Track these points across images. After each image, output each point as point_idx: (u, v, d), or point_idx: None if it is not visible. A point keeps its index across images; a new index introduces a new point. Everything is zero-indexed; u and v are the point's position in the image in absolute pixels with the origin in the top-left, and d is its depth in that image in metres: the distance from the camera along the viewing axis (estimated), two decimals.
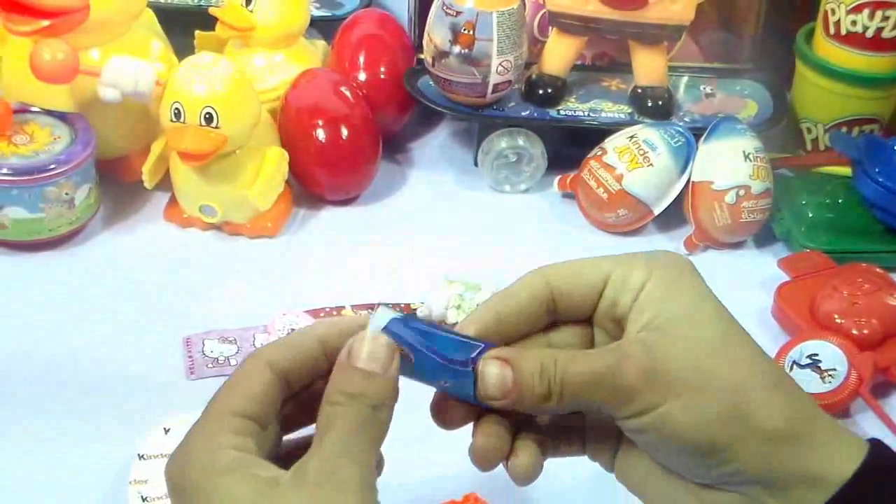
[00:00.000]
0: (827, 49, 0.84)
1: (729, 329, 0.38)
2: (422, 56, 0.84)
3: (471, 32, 0.79)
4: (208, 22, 0.82)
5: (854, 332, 0.67)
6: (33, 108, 0.76)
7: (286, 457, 0.37)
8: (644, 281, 0.38)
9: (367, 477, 0.35)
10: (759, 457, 0.36)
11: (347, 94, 0.81)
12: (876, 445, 0.37)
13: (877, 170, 0.77)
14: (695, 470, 0.37)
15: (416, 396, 0.39)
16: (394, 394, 0.37)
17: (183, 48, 0.81)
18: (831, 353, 0.65)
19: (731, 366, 0.36)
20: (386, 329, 0.37)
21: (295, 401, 0.39)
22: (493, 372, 0.37)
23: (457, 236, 0.80)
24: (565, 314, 0.40)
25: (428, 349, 0.37)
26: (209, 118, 0.72)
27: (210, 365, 0.66)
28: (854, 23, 0.82)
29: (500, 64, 0.80)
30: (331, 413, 0.36)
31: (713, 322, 0.38)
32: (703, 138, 0.79)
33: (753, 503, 0.36)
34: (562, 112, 0.85)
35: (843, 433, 0.37)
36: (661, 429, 0.36)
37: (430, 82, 0.85)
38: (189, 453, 0.36)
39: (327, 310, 0.70)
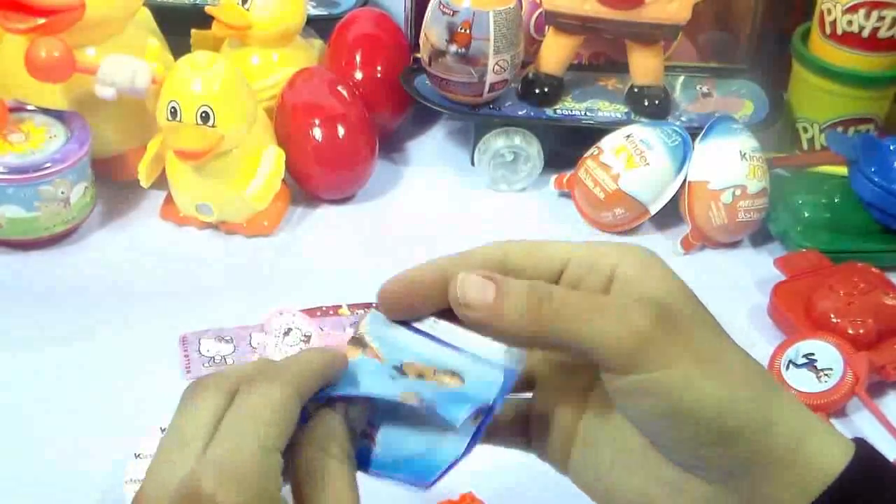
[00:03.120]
0: (823, 49, 0.85)
1: (712, 317, 0.36)
2: (418, 55, 0.84)
3: (467, 31, 0.79)
4: (205, 20, 0.82)
5: (850, 331, 0.67)
6: (29, 107, 0.76)
7: None
8: (615, 265, 0.35)
9: None
10: (759, 442, 0.34)
11: (344, 92, 0.81)
12: (862, 445, 0.36)
13: (872, 169, 0.77)
14: (688, 448, 0.34)
15: None
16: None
17: (179, 47, 0.81)
18: (827, 353, 0.66)
19: (734, 349, 0.35)
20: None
21: None
22: (474, 279, 0.35)
23: (453, 235, 0.80)
24: None
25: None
26: (205, 117, 0.71)
27: (206, 364, 0.66)
28: (850, 22, 0.82)
29: (496, 63, 0.80)
30: (325, 463, 0.35)
31: (702, 307, 0.36)
32: (699, 138, 0.79)
33: (733, 496, 0.34)
34: (558, 111, 0.85)
35: (830, 432, 0.36)
36: (668, 393, 0.33)
37: (427, 81, 0.85)
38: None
39: (324, 308, 0.70)
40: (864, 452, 0.35)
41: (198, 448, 0.34)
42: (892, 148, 0.78)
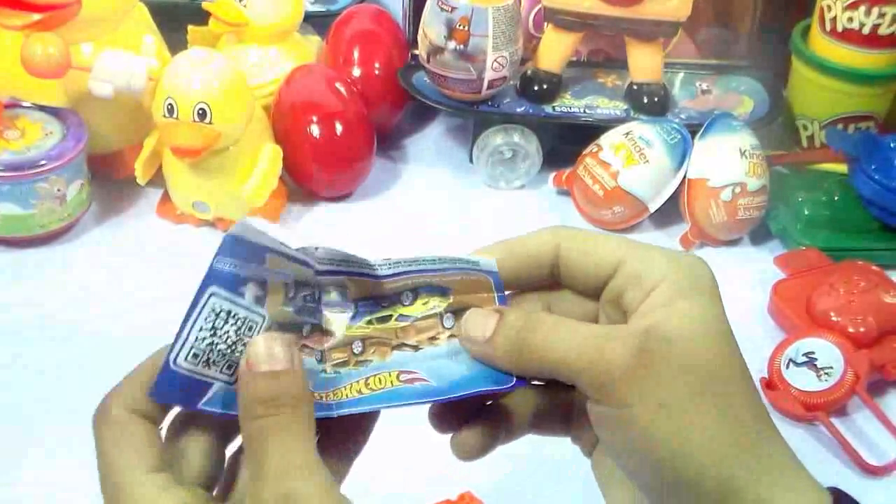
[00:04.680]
0: (823, 45, 0.84)
1: (726, 361, 0.35)
2: (416, 52, 0.84)
3: (466, 28, 0.78)
4: (201, 17, 0.82)
5: (850, 329, 0.66)
6: (24, 103, 0.75)
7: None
8: (658, 282, 0.36)
9: (326, 482, 0.33)
10: (720, 499, 0.34)
11: (342, 89, 0.80)
12: (839, 497, 0.35)
13: (873, 167, 0.77)
14: (648, 486, 0.35)
15: None
16: (306, 388, 0.35)
17: (176, 43, 0.81)
18: (827, 351, 0.65)
19: (716, 408, 0.34)
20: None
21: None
22: (478, 313, 0.37)
23: (452, 233, 0.79)
24: (569, 284, 0.39)
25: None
26: (202, 114, 0.71)
27: None
28: (850, 19, 0.82)
29: (495, 60, 0.80)
30: (260, 426, 0.33)
31: (715, 350, 0.35)
32: (698, 135, 0.79)
33: None
34: (557, 108, 0.85)
35: (807, 487, 0.35)
36: (627, 431, 0.34)
37: (425, 78, 0.84)
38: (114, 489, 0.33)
39: None
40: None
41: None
42: (892, 145, 0.78)
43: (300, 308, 0.36)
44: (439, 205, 0.83)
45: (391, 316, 0.38)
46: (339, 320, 0.37)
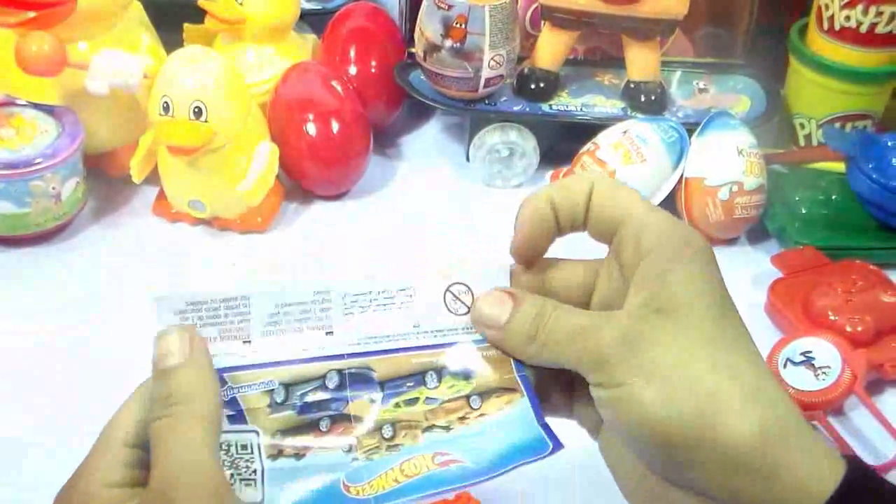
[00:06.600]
0: (820, 44, 0.84)
1: (722, 325, 0.37)
2: (413, 50, 0.84)
3: (462, 26, 0.78)
4: (197, 15, 0.81)
5: (848, 328, 0.66)
6: (19, 101, 0.75)
7: None
8: (652, 248, 0.37)
9: (213, 479, 0.34)
10: (721, 472, 0.34)
11: (338, 88, 0.80)
12: (853, 466, 0.35)
13: (870, 166, 0.77)
14: (655, 463, 0.36)
15: None
16: (205, 379, 0.36)
17: (172, 41, 0.80)
18: (825, 351, 0.65)
19: (712, 369, 0.35)
20: None
21: None
22: (494, 296, 0.39)
23: (448, 231, 0.79)
24: (591, 228, 0.40)
25: None
26: (198, 112, 0.71)
27: None
28: (848, 18, 0.82)
29: (492, 58, 0.79)
30: (156, 427, 0.35)
31: (709, 315, 0.36)
32: (696, 133, 0.79)
33: None
34: (554, 107, 0.84)
35: (819, 451, 0.35)
36: (624, 407, 0.35)
37: (422, 76, 0.84)
38: (76, 494, 0.35)
39: None
40: (856, 474, 0.34)
41: None
42: (889, 144, 0.78)
43: (306, 406, 0.36)
44: (436, 203, 0.83)
45: (418, 399, 0.38)
46: (367, 406, 0.37)
